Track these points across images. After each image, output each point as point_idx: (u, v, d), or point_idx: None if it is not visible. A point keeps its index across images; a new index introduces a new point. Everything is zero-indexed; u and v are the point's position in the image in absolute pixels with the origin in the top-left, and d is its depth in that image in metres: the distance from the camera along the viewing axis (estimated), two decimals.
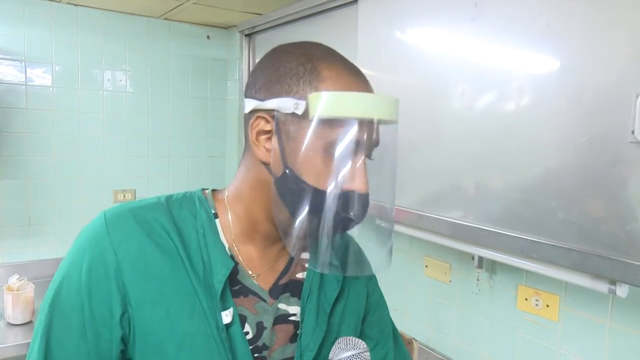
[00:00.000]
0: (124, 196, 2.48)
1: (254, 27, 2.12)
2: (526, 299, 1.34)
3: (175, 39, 2.56)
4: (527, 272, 1.33)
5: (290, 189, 0.64)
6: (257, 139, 0.67)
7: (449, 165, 1.21)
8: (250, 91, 0.69)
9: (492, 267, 1.43)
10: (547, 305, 1.29)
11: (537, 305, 1.31)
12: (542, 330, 1.31)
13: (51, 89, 2.27)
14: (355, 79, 0.66)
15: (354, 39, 1.48)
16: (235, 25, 2.50)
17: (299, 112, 0.62)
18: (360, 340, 0.71)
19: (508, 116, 1.06)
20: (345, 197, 0.63)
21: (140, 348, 0.64)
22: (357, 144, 0.62)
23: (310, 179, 0.62)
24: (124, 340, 0.65)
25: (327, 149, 0.62)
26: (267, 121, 0.66)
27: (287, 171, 0.64)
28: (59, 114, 2.30)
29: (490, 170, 1.11)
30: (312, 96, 0.62)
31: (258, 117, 0.66)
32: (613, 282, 0.95)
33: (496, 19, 1.08)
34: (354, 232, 0.68)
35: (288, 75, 0.65)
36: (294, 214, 0.64)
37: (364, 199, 0.64)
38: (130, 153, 2.49)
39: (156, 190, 2.54)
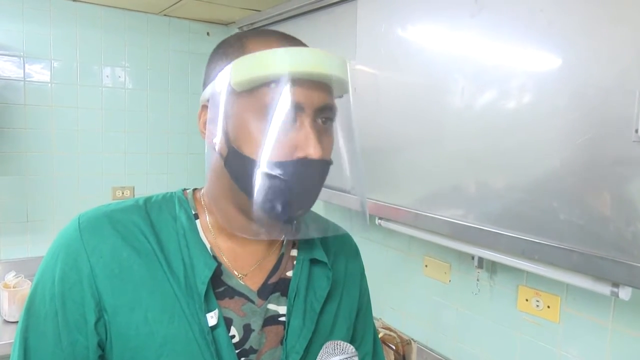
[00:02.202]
0: (123, 193, 2.47)
1: (252, 24, 2.10)
2: (527, 300, 1.32)
3: (174, 35, 2.55)
4: (528, 272, 1.31)
5: (237, 168, 0.62)
6: (205, 129, 0.66)
7: (449, 164, 1.19)
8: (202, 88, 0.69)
9: (493, 267, 1.42)
10: (548, 306, 1.27)
11: (537, 306, 1.29)
12: (543, 331, 1.29)
13: (50, 84, 2.26)
14: (284, 43, 0.64)
15: (353, 35, 1.46)
16: (235, 22, 2.48)
17: (225, 86, 0.61)
18: (349, 345, 0.69)
19: (509, 114, 1.04)
20: (292, 166, 0.59)
21: (118, 354, 0.62)
22: (287, 104, 0.59)
23: (250, 151, 0.60)
24: (101, 346, 0.63)
25: (258, 116, 0.60)
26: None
27: (230, 150, 0.62)
28: (58, 110, 2.28)
29: (490, 169, 1.09)
30: (232, 65, 0.60)
31: (202, 106, 0.67)
32: (616, 285, 0.93)
33: (496, 15, 1.06)
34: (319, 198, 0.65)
35: (220, 59, 0.65)
36: (246, 193, 0.62)
37: (310, 163, 0.60)
38: (129, 150, 2.48)
39: (155, 187, 2.53)
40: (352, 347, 0.68)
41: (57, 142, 2.29)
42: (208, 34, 2.64)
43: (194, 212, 0.70)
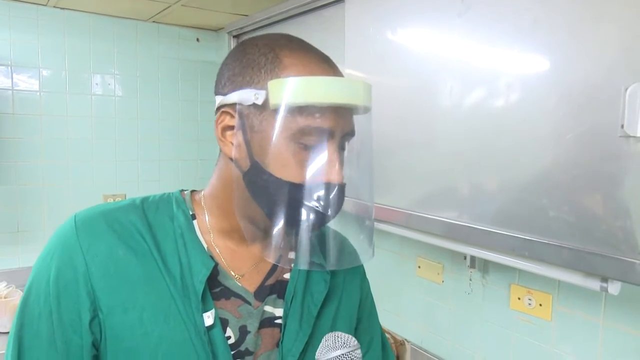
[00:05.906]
0: (114, 200, 2.45)
1: (242, 28, 2.11)
2: (519, 299, 1.32)
3: (164, 42, 2.54)
4: (520, 271, 1.32)
5: (257, 183, 0.62)
6: (223, 135, 0.66)
7: (440, 165, 1.20)
8: (217, 87, 0.68)
9: (485, 266, 1.42)
10: (540, 305, 1.27)
11: (530, 304, 1.30)
12: (536, 329, 1.30)
13: (38, 93, 2.25)
14: (320, 65, 0.64)
15: (342, 37, 1.47)
16: (224, 27, 2.48)
17: (259, 102, 0.61)
18: (351, 337, 0.66)
19: (497, 113, 1.05)
20: (315, 189, 0.60)
21: (112, 354, 0.62)
22: (322, 132, 0.60)
23: (277, 171, 0.60)
24: (95, 346, 0.63)
25: (291, 139, 0.60)
26: (232, 116, 0.64)
27: (253, 165, 0.62)
28: (47, 118, 2.27)
29: (481, 169, 1.10)
30: (271, 84, 0.60)
31: (223, 112, 0.65)
32: (605, 280, 0.94)
33: (483, 15, 1.07)
34: (330, 224, 0.65)
35: (249, 66, 0.63)
36: (263, 210, 0.62)
37: (336, 190, 0.61)
38: (120, 157, 2.47)
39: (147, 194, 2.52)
40: (354, 339, 0.66)
41: (46, 151, 2.28)
42: (198, 39, 2.64)
43: (191, 213, 0.70)
